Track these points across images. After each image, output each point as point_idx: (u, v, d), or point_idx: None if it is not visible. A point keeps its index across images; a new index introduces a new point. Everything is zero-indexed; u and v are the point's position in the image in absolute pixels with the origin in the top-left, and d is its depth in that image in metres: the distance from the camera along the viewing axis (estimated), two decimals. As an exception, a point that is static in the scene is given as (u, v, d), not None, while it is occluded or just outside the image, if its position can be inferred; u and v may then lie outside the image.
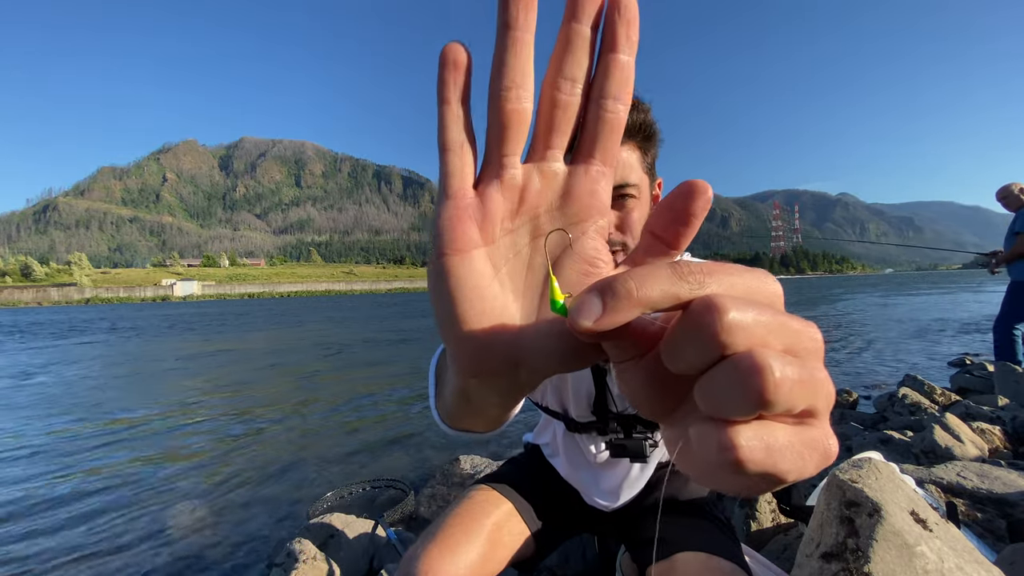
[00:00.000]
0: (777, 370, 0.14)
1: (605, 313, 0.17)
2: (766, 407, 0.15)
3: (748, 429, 0.15)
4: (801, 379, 0.15)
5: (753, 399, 0.15)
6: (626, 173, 0.64)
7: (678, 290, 0.16)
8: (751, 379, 0.14)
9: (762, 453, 0.15)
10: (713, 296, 0.16)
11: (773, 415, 0.16)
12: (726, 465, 0.15)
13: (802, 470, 0.16)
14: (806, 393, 0.15)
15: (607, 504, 0.93)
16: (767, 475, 0.15)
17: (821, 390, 0.16)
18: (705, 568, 0.68)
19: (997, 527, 1.26)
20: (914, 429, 2.48)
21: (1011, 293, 3.53)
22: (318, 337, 12.13)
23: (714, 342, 0.15)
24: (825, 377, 0.16)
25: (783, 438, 0.15)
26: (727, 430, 0.15)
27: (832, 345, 7.27)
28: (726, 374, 0.15)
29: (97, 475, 3.04)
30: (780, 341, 0.16)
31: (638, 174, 0.65)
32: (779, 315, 0.16)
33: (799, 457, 0.16)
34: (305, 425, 4.03)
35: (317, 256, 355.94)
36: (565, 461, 0.96)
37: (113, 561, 2.02)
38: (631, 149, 0.65)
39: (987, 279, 36.74)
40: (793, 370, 0.15)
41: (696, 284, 0.16)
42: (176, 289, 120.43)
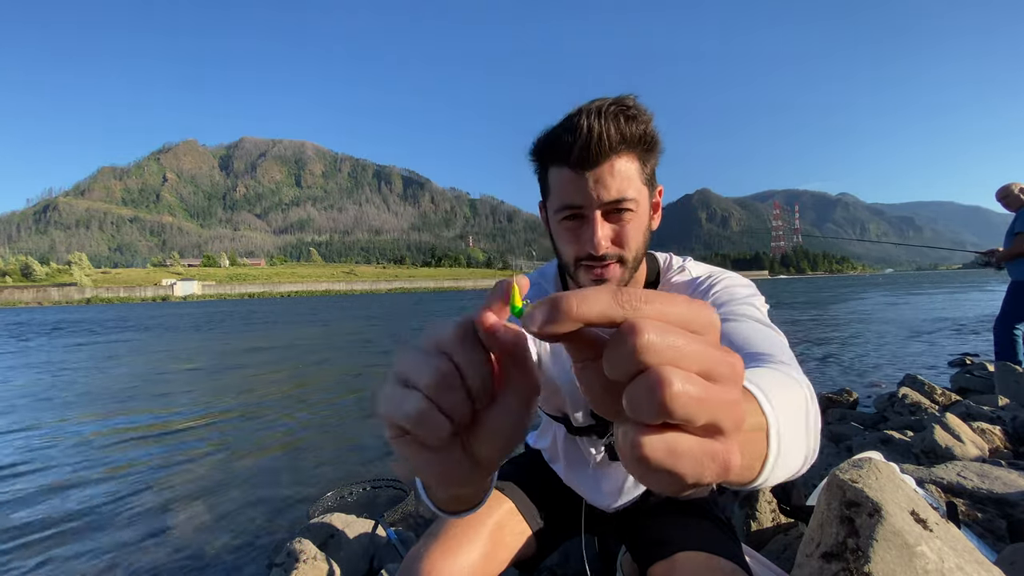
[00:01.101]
0: (676, 384, 0.18)
1: (547, 323, 0.20)
2: (667, 416, 0.18)
3: (656, 433, 0.19)
4: (702, 397, 0.18)
5: (655, 408, 0.18)
6: (624, 187, 0.63)
7: (613, 313, 0.20)
8: (654, 391, 0.18)
9: (663, 454, 0.19)
10: (637, 320, 0.19)
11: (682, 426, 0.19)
12: (635, 460, 0.19)
13: (700, 476, 0.19)
14: (706, 409, 0.19)
15: (607, 505, 0.94)
16: (669, 474, 0.19)
17: (726, 410, 0.19)
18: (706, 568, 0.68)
19: (997, 527, 1.25)
20: (914, 429, 2.48)
21: (1011, 293, 3.52)
22: (341, 333, 12.13)
23: (632, 358, 0.19)
24: (735, 400, 0.20)
25: (685, 445, 0.19)
26: (639, 431, 0.19)
27: (832, 345, 7.27)
28: (638, 385, 0.19)
29: (98, 475, 3.04)
30: (694, 364, 0.19)
31: (636, 187, 0.65)
32: (697, 342, 0.19)
33: (698, 464, 0.19)
34: (305, 425, 4.03)
35: (317, 256, 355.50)
36: (565, 464, 0.96)
37: (113, 560, 2.02)
38: (631, 160, 0.64)
39: (990, 278, 36.70)
40: (695, 388, 0.18)
41: (631, 309, 0.20)
42: (176, 289, 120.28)
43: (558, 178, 0.65)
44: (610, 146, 0.60)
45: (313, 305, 42.18)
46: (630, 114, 0.61)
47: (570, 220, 0.66)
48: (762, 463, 0.30)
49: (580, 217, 0.65)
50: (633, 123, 0.61)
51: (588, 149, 0.60)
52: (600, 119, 0.59)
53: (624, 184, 0.63)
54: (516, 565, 0.92)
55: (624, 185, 0.63)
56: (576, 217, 0.65)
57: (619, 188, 0.63)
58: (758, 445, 0.30)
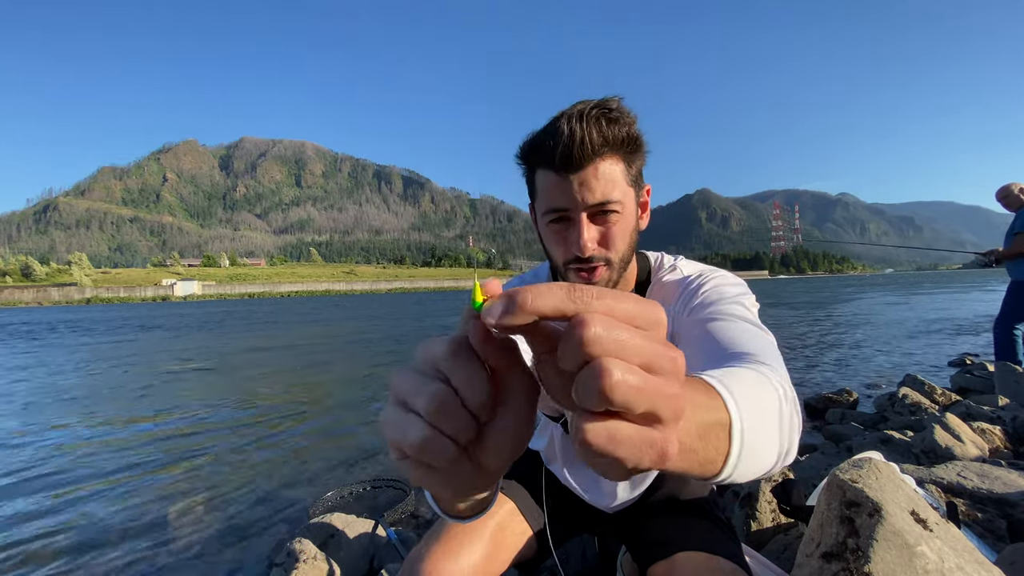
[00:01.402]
0: (617, 374, 0.19)
1: (504, 316, 0.22)
2: (608, 403, 0.20)
3: (599, 420, 0.21)
4: (641, 387, 0.20)
5: (596, 395, 0.20)
6: (609, 189, 0.63)
7: (565, 307, 0.21)
8: (595, 379, 0.20)
9: (604, 440, 0.20)
10: (585, 315, 0.21)
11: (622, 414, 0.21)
12: (578, 444, 0.21)
13: (639, 461, 0.21)
14: (645, 399, 0.20)
15: (605, 504, 0.94)
16: (609, 459, 0.21)
17: (664, 400, 0.21)
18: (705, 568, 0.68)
19: (997, 527, 1.25)
20: (914, 429, 2.48)
21: (1011, 293, 3.52)
22: (342, 333, 12.13)
23: (578, 350, 0.20)
24: (675, 393, 0.21)
25: (624, 432, 0.21)
26: (583, 418, 0.21)
27: (833, 345, 7.26)
28: (583, 374, 0.20)
29: (98, 473, 3.04)
30: (636, 357, 0.21)
31: (622, 189, 0.65)
32: (641, 337, 0.21)
33: (636, 450, 0.21)
34: (305, 425, 4.03)
35: (317, 256, 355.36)
36: (563, 464, 0.96)
37: (113, 560, 2.02)
38: (615, 162, 0.64)
39: (990, 279, 36.67)
40: (634, 378, 0.20)
41: (582, 304, 0.21)
42: (176, 289, 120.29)
43: (544, 181, 0.65)
44: (593, 149, 0.60)
45: (313, 305, 42.18)
46: (612, 116, 0.61)
47: (557, 223, 0.67)
48: (724, 458, 0.31)
49: (567, 220, 0.66)
50: (615, 125, 0.61)
51: (571, 153, 0.60)
52: (582, 123, 0.60)
53: (608, 187, 0.63)
54: (517, 566, 0.92)
55: (609, 188, 0.63)
56: (563, 220, 0.66)
57: (603, 191, 0.63)
58: (720, 441, 0.31)
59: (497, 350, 0.24)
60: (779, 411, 0.39)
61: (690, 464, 0.29)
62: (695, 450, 0.29)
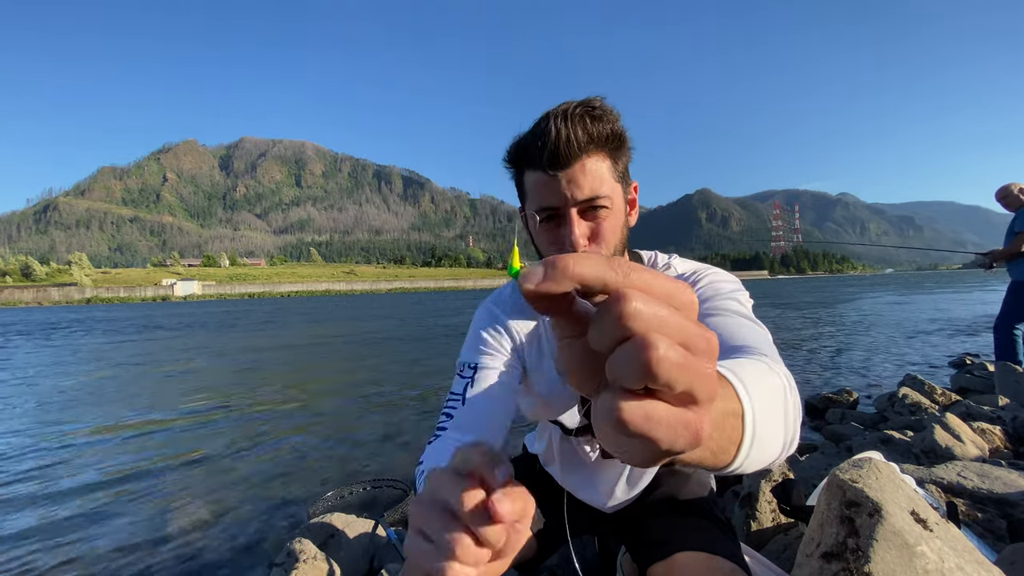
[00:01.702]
0: (662, 349, 0.18)
1: (544, 281, 0.21)
2: (651, 378, 0.19)
3: (635, 398, 0.19)
4: (683, 364, 0.19)
5: (640, 370, 0.19)
6: (597, 185, 0.64)
7: (605, 275, 0.20)
8: (640, 353, 0.18)
9: (641, 419, 0.19)
10: (625, 289, 0.20)
11: (658, 393, 0.20)
12: (613, 424, 0.19)
13: (673, 443, 0.20)
14: (686, 376, 0.19)
15: (603, 504, 0.94)
16: (644, 439, 0.19)
17: (702, 380, 0.20)
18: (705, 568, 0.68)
19: (997, 527, 1.25)
20: (914, 429, 2.48)
21: (1011, 293, 3.52)
22: (342, 333, 12.13)
23: (618, 324, 0.19)
24: (710, 373, 0.20)
25: (661, 411, 0.19)
26: (619, 395, 0.20)
27: (833, 344, 7.26)
28: (624, 349, 0.19)
29: (99, 474, 3.04)
30: (676, 335, 0.20)
31: (609, 185, 0.66)
32: (678, 315, 0.20)
33: (672, 431, 0.20)
34: (306, 425, 4.03)
35: (317, 256, 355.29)
36: (561, 466, 0.97)
37: (113, 560, 2.02)
38: (601, 159, 0.65)
39: (990, 278, 36.69)
40: (677, 354, 0.19)
41: (622, 274, 0.20)
42: (176, 289, 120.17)
43: (533, 181, 0.66)
44: (579, 147, 0.62)
45: (313, 305, 42.17)
46: (596, 114, 0.62)
47: (548, 222, 0.68)
48: (737, 447, 0.31)
49: (558, 217, 0.67)
50: (599, 123, 0.62)
51: (558, 151, 0.62)
52: (567, 122, 0.61)
53: (596, 182, 0.64)
54: (517, 567, 0.92)
55: (596, 183, 0.64)
56: (554, 218, 0.67)
57: (592, 187, 0.64)
58: (733, 430, 0.31)
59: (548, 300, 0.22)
60: (784, 400, 0.39)
61: (705, 454, 0.29)
62: (711, 438, 0.29)
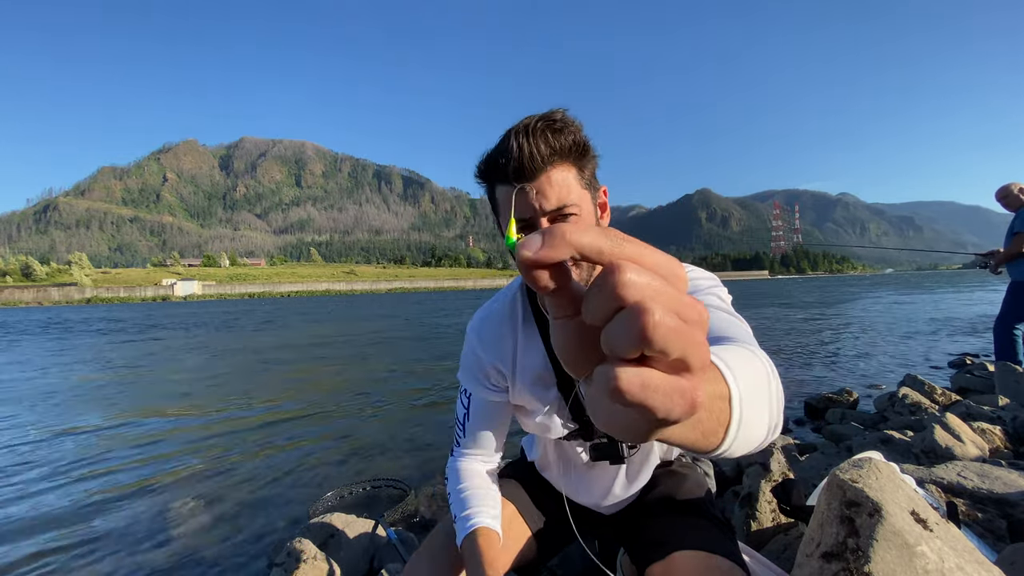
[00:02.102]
0: (657, 314, 0.19)
1: (543, 248, 0.21)
2: (647, 344, 0.19)
3: (631, 367, 0.20)
4: (677, 329, 0.19)
5: (636, 335, 0.19)
6: (564, 194, 0.67)
7: (601, 243, 0.21)
8: (636, 319, 0.19)
9: (638, 387, 0.19)
10: (619, 261, 0.20)
11: (653, 361, 0.20)
12: (610, 393, 0.20)
13: (670, 411, 0.20)
14: (680, 342, 0.20)
15: (596, 504, 0.95)
16: (641, 407, 0.20)
17: (695, 347, 0.20)
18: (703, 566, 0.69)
19: (997, 527, 1.25)
20: (914, 429, 2.48)
21: (1011, 293, 3.52)
22: (342, 333, 12.13)
23: (614, 294, 0.20)
24: (702, 341, 0.21)
25: (657, 379, 0.20)
26: (616, 365, 0.20)
27: (833, 344, 7.27)
28: (620, 317, 0.20)
29: (100, 473, 3.04)
30: (669, 304, 0.20)
31: (577, 192, 0.68)
32: (670, 287, 0.21)
33: (668, 398, 0.20)
34: (306, 425, 4.03)
35: (317, 256, 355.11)
36: (556, 469, 0.98)
37: (113, 560, 2.02)
38: (566, 169, 0.67)
39: (990, 278, 36.67)
40: (672, 320, 0.19)
41: (616, 243, 0.21)
42: (176, 289, 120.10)
43: (503, 195, 0.69)
44: (542, 159, 0.64)
45: (313, 305, 42.17)
46: (557, 127, 0.65)
47: (521, 232, 0.70)
48: (725, 429, 0.32)
49: (530, 228, 0.69)
50: (561, 135, 0.65)
51: (523, 165, 0.64)
52: (528, 137, 0.64)
53: (563, 192, 0.67)
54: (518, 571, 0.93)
55: (563, 193, 0.67)
56: (525, 229, 0.69)
57: (559, 196, 0.66)
58: (721, 412, 0.32)
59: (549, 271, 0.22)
60: (768, 384, 0.40)
61: (695, 435, 0.29)
62: (700, 419, 0.30)
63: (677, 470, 0.97)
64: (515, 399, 0.89)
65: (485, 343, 0.88)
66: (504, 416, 0.92)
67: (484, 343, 0.88)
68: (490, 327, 0.89)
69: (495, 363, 0.87)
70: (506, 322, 0.87)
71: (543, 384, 0.85)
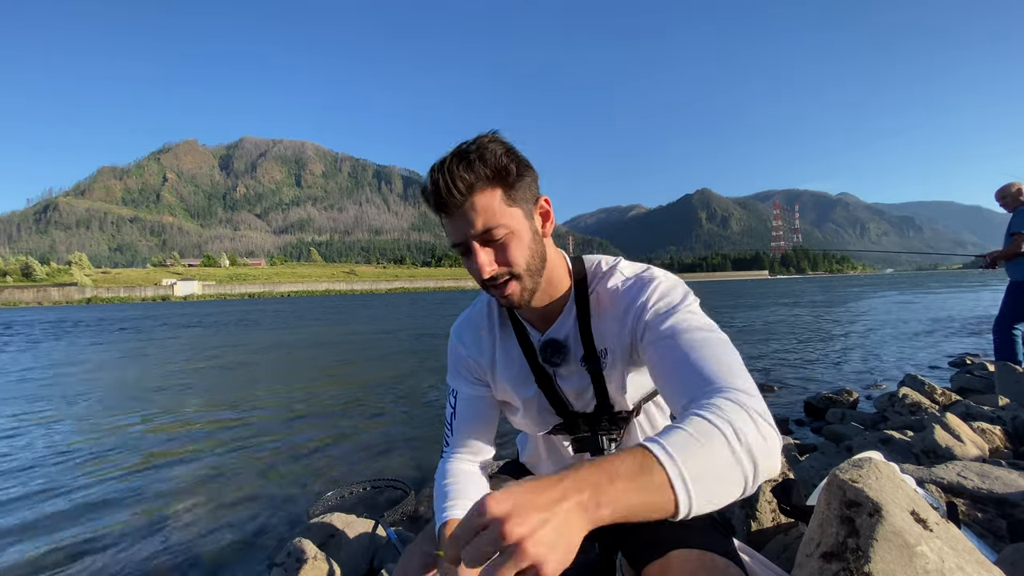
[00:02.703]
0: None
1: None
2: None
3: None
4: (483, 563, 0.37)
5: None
6: (487, 218, 0.71)
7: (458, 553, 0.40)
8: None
9: None
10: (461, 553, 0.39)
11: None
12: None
13: None
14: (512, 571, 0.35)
15: None
16: None
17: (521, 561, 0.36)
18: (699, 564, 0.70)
19: (997, 527, 1.25)
20: (914, 429, 2.48)
21: (1010, 293, 3.52)
22: (342, 333, 12.13)
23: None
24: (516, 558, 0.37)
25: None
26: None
27: (834, 344, 7.27)
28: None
29: (99, 473, 3.04)
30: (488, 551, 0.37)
31: (503, 213, 0.72)
32: (477, 541, 0.39)
33: None
34: (306, 425, 4.03)
35: (317, 256, 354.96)
36: (546, 464, 1.01)
37: (113, 560, 2.02)
38: (490, 193, 0.71)
39: (992, 277, 36.62)
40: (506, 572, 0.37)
41: (457, 547, 0.40)
42: (176, 289, 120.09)
43: (441, 223, 0.75)
44: (460, 192, 0.69)
45: (314, 305, 42.17)
46: (469, 160, 0.69)
47: (463, 255, 0.76)
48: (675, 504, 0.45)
49: (467, 250, 0.74)
50: (472, 167, 0.69)
51: (444, 200, 0.70)
52: (444, 174, 0.69)
53: (487, 215, 0.71)
54: None
55: (488, 216, 0.71)
56: (464, 252, 0.75)
57: (484, 220, 0.71)
58: (664, 494, 0.44)
59: None
60: (728, 447, 0.49)
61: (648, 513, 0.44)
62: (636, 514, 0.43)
63: None
64: (498, 395, 0.93)
65: (466, 343, 0.94)
66: (489, 413, 0.94)
67: (465, 344, 0.94)
68: (468, 329, 0.94)
69: (476, 358, 0.92)
70: (483, 325, 0.93)
71: (522, 381, 0.89)
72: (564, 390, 0.88)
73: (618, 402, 0.86)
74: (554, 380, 0.88)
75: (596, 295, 0.84)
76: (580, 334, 0.83)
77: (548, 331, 0.85)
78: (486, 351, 0.91)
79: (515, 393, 0.90)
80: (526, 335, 0.88)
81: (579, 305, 0.83)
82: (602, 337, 0.83)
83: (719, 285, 75.53)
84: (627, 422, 0.89)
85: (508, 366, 0.90)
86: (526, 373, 0.88)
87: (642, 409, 0.91)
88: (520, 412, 0.92)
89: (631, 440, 0.93)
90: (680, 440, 0.48)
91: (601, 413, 0.88)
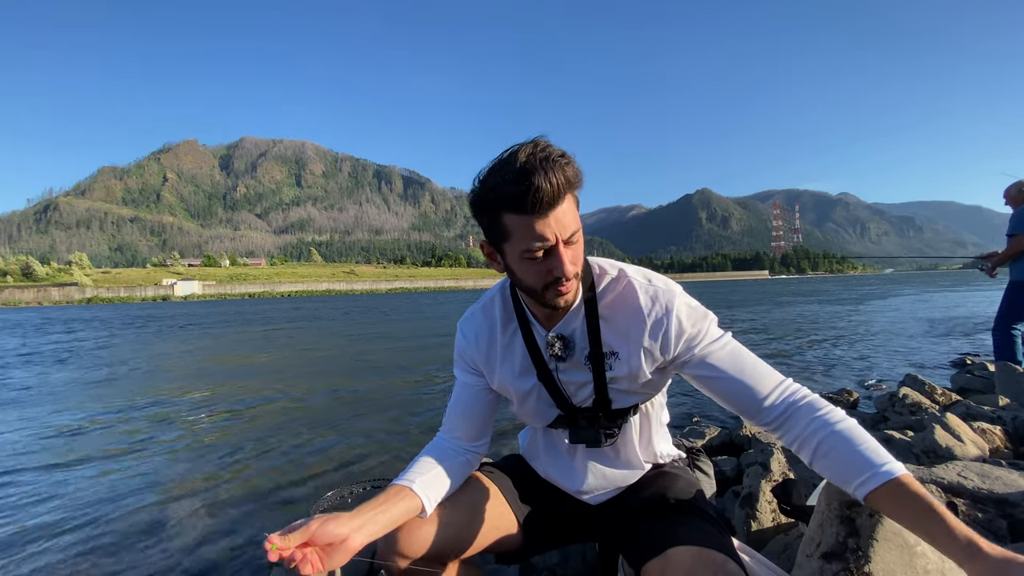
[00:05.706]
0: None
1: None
2: None
3: None
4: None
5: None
6: (572, 223, 0.75)
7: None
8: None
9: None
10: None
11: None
12: None
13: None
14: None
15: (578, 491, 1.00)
16: None
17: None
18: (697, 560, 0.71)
19: (998, 527, 1.25)
20: (915, 429, 2.48)
21: (1010, 293, 3.52)
22: (343, 334, 12.12)
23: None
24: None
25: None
26: None
27: (834, 344, 7.26)
28: None
29: (99, 473, 3.04)
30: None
31: (577, 219, 0.76)
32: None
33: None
34: (306, 425, 4.03)
35: (317, 256, 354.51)
36: (543, 456, 1.04)
37: (113, 560, 2.02)
38: (571, 199, 0.75)
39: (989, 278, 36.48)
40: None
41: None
42: (177, 289, 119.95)
43: (520, 223, 0.73)
44: (560, 194, 0.71)
45: (314, 305, 42.17)
46: (565, 163, 0.71)
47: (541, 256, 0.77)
48: None
49: (549, 250, 0.75)
50: (569, 168, 0.72)
51: (544, 200, 0.70)
52: (548, 172, 0.69)
53: (572, 220, 0.75)
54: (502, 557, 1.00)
55: (571, 221, 0.75)
56: (543, 251, 0.76)
57: (571, 225, 0.75)
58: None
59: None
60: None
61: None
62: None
63: (669, 471, 1.00)
64: (495, 386, 0.97)
65: (466, 335, 0.98)
66: (483, 404, 0.98)
67: (466, 335, 0.98)
68: (472, 322, 0.98)
69: (474, 349, 0.97)
70: (488, 319, 0.97)
71: (523, 374, 0.93)
72: (564, 384, 0.91)
73: (616, 400, 0.90)
74: (555, 374, 0.91)
75: (606, 300, 0.87)
76: (588, 333, 0.87)
77: (556, 327, 0.89)
78: (483, 343, 0.95)
79: (514, 385, 0.94)
80: (530, 330, 0.91)
81: (588, 306, 0.87)
82: (611, 340, 0.86)
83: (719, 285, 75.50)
84: (624, 419, 0.93)
85: (512, 360, 0.93)
86: (527, 366, 0.92)
87: (638, 408, 0.94)
88: (518, 403, 0.96)
89: (627, 436, 0.96)
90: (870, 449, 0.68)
91: (598, 409, 0.91)
